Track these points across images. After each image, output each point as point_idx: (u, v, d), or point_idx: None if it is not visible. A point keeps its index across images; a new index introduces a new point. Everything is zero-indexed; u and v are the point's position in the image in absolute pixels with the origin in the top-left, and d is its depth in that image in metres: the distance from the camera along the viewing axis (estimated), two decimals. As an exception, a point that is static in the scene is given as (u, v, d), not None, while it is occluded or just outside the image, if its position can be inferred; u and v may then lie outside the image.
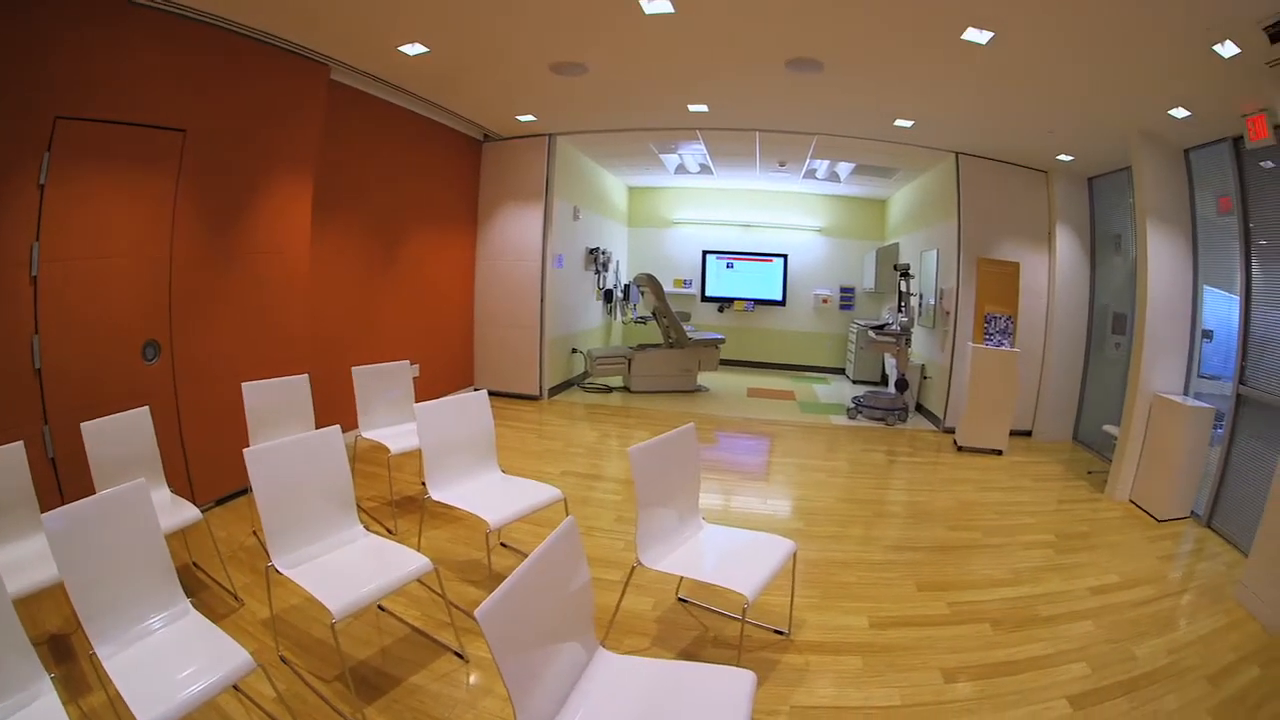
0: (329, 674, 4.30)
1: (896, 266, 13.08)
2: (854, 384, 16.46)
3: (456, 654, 4.59)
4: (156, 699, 2.97)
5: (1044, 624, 5.64)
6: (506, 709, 3.96)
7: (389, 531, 6.43)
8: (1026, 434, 12.24)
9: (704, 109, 9.89)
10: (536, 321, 12.03)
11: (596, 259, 14.63)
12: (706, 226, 17.73)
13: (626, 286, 16.38)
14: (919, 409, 13.68)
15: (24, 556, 4.06)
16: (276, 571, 4.13)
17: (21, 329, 5.34)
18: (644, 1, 6.07)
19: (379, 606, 5.02)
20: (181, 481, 6.40)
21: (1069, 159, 10.94)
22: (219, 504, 6.93)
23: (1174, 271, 8.77)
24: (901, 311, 12.93)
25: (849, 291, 17.90)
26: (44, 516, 3.28)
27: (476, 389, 6.66)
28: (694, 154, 13.65)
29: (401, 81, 8.90)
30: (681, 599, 5.47)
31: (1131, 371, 8.94)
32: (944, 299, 12.46)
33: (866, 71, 7.79)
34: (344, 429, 4.99)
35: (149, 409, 5.23)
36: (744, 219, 17.63)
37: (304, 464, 4.51)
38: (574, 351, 13.74)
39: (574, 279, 13.61)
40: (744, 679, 3.26)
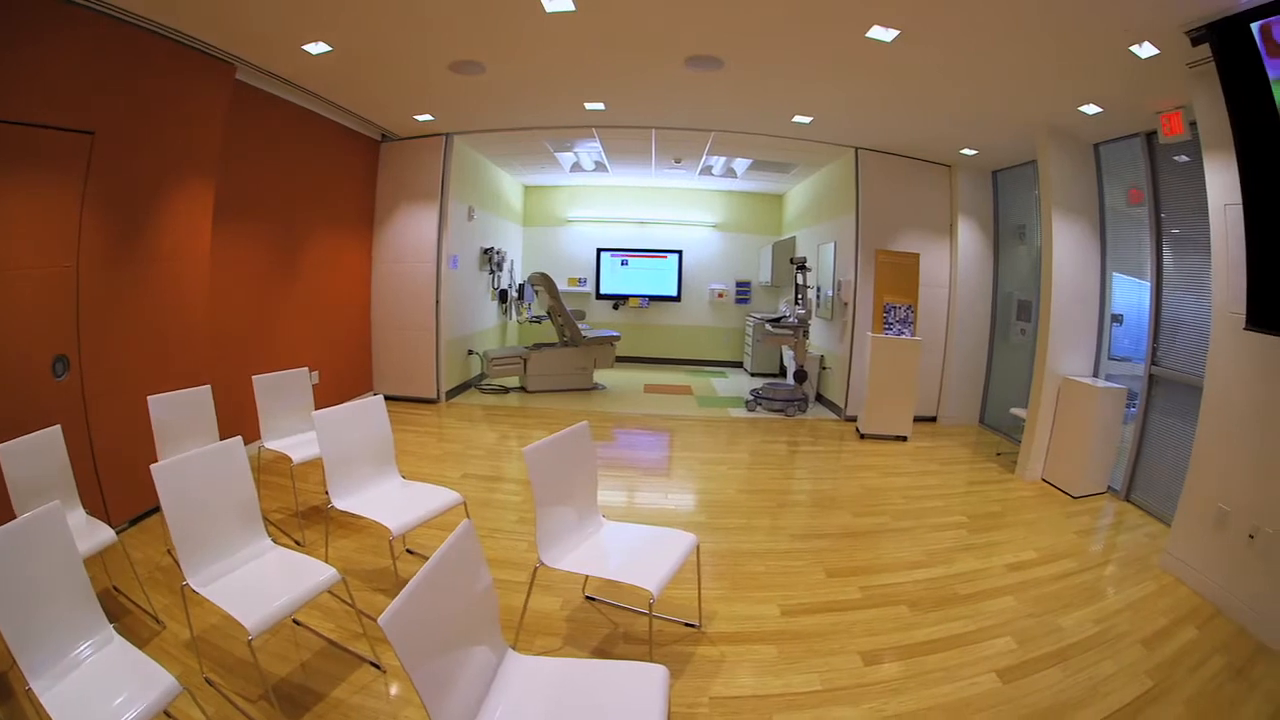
0: (254, 694, 4.14)
1: (793, 260, 13.11)
2: (752, 377, 16.46)
3: (373, 665, 4.47)
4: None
5: (963, 602, 5.67)
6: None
7: (297, 543, 6.28)
8: (931, 419, 12.43)
9: (601, 107, 9.82)
10: (432, 324, 11.86)
11: (491, 259, 14.46)
12: (601, 224, 17.70)
13: (521, 286, 16.30)
14: (819, 399, 13.77)
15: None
16: (192, 591, 3.98)
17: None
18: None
19: (294, 621, 4.87)
20: (95, 501, 6.12)
21: (973, 153, 11.11)
22: (133, 524, 6.63)
23: (1081, 260, 9.05)
24: (798, 304, 12.95)
25: (745, 286, 18.03)
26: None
27: (377, 395, 6.49)
28: (590, 152, 13.61)
29: (305, 81, 8.66)
30: (589, 597, 5.40)
31: (1038, 356, 9.16)
32: (842, 291, 12.56)
33: (768, 69, 7.77)
34: (248, 440, 4.84)
35: (60, 428, 4.95)
36: (639, 216, 17.64)
37: (209, 478, 4.35)
38: (470, 353, 13.57)
39: (469, 280, 13.45)
40: (656, 674, 3.27)
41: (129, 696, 3.08)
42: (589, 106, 9.78)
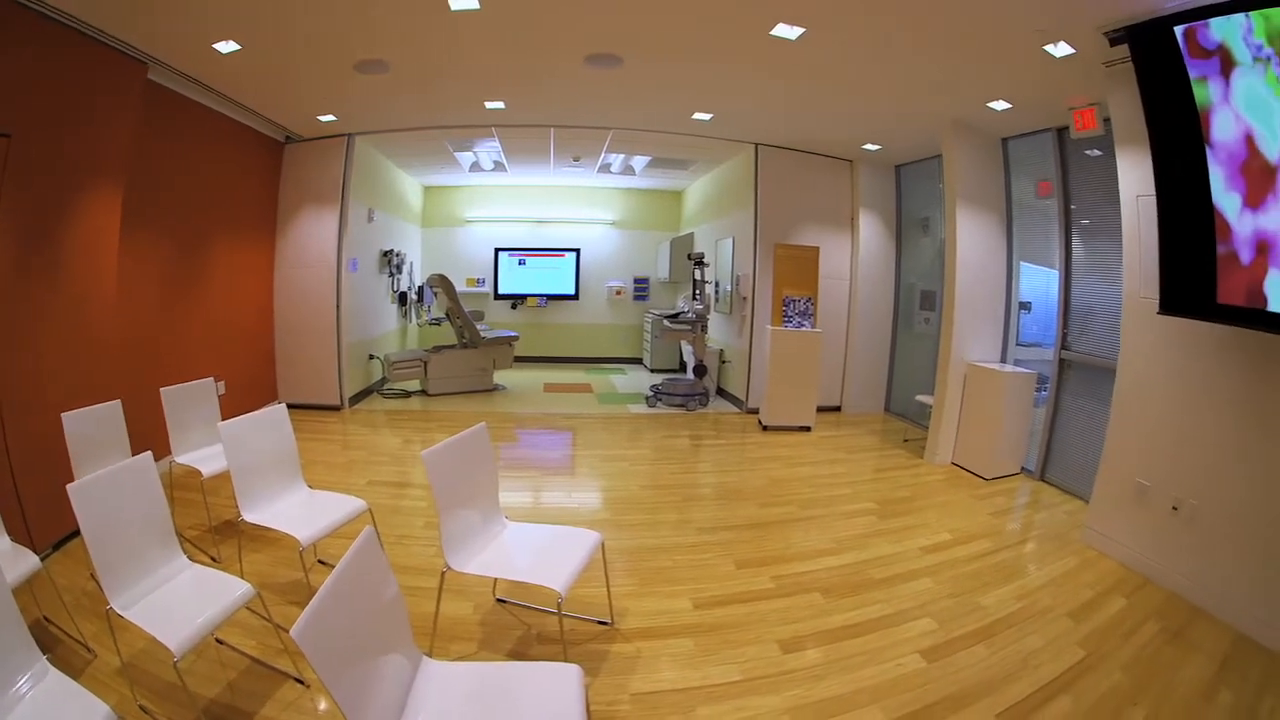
0: (187, 719, 4.01)
1: (691, 256, 13.24)
2: (652, 373, 16.49)
3: (297, 680, 4.35)
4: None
5: (878, 587, 5.72)
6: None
7: (213, 560, 6.09)
8: (836, 409, 12.59)
9: (501, 105, 9.73)
10: (334, 329, 11.60)
11: (390, 261, 14.28)
12: (499, 224, 17.60)
13: (421, 288, 16.12)
14: (720, 393, 13.86)
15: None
16: (117, 615, 3.83)
17: None
18: (451, -3, 5.92)
19: (216, 640, 4.74)
20: (18, 526, 5.78)
21: (876, 148, 11.24)
22: (56, 548, 6.31)
23: (986, 250, 9.30)
24: (696, 299, 13.06)
25: (643, 282, 18.12)
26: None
27: (283, 403, 6.33)
28: (489, 151, 13.51)
29: (214, 81, 8.43)
30: (500, 599, 5.33)
31: (942, 344, 9.33)
32: (741, 285, 12.64)
33: (669, 67, 7.78)
34: (159, 454, 4.70)
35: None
36: (537, 215, 17.59)
37: (123, 496, 4.18)
38: (371, 357, 13.38)
39: (369, 283, 13.26)
40: (570, 673, 3.28)
41: (69, 731, 2.93)
42: (489, 105, 9.69)
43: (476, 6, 6.03)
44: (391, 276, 14.48)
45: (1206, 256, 5.15)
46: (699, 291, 13.04)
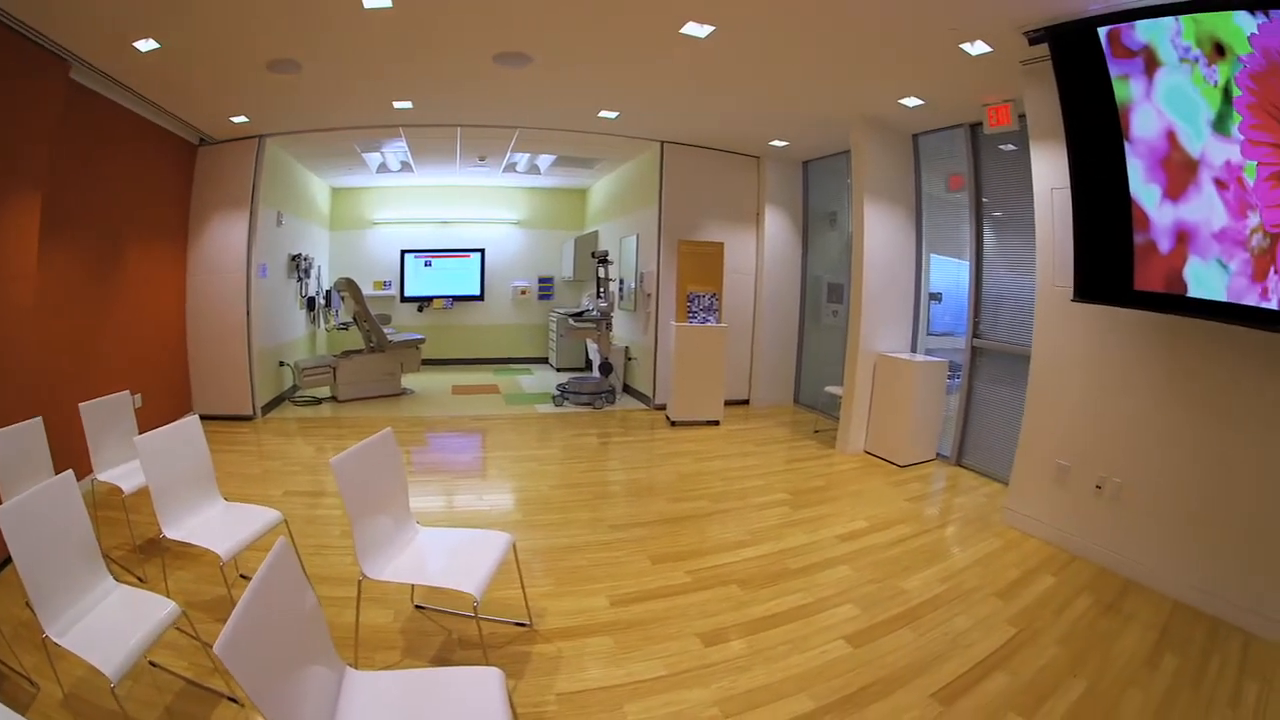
0: (131, 747, 3.92)
1: (594, 254, 13.30)
2: (558, 372, 16.46)
3: (230, 699, 4.27)
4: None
5: (796, 576, 5.79)
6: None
7: (139, 580, 5.91)
8: (744, 402, 12.75)
9: (409, 105, 9.67)
10: (244, 337, 11.35)
11: (299, 266, 14.05)
12: (406, 225, 17.46)
13: (328, 292, 15.82)
14: (627, 390, 13.94)
15: None
16: (54, 643, 3.72)
17: None
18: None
19: (150, 663, 4.61)
20: None
21: (783, 144, 11.38)
22: None
23: (895, 243, 9.50)
24: (601, 297, 13.12)
25: (548, 281, 18.14)
26: None
27: (196, 414, 6.18)
28: (396, 152, 13.41)
29: (132, 80, 8.19)
30: (418, 606, 5.29)
31: (850, 335, 9.50)
32: (644, 282, 12.74)
33: (578, 66, 7.78)
34: (81, 473, 4.58)
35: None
36: (442, 216, 17.50)
37: (48, 518, 4.06)
38: (281, 364, 13.15)
39: (278, 288, 13.00)
40: (492, 676, 3.27)
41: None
42: (397, 105, 9.63)
43: (389, 4, 5.99)
44: (300, 281, 14.26)
45: (1123, 246, 5.35)
46: (603, 289, 13.11)
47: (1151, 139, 5.03)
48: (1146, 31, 4.94)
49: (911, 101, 8.17)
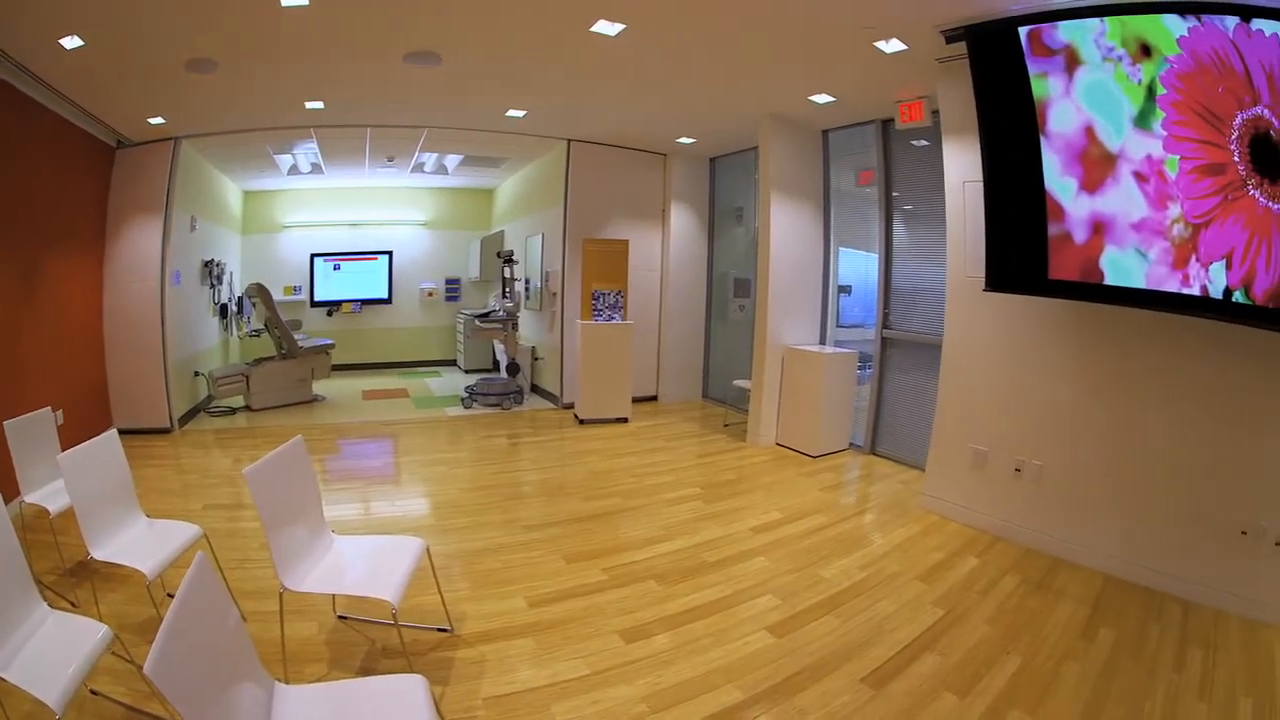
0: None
1: (500, 253, 13.29)
2: (466, 374, 16.45)
3: (171, 724, 4.26)
4: None
5: (712, 569, 5.89)
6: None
7: (72, 605, 5.71)
8: (652, 399, 12.93)
9: (320, 105, 9.60)
10: (160, 346, 11.12)
11: (211, 272, 13.77)
12: (316, 229, 17.26)
13: (240, 299, 15.52)
14: (535, 389, 14.00)
15: None
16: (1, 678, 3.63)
17: None
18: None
19: (91, 690, 4.50)
20: None
21: (690, 141, 11.53)
22: None
23: (802, 238, 9.66)
24: (506, 297, 13.15)
25: (455, 282, 18.14)
26: None
27: (114, 429, 6.06)
28: (307, 154, 13.27)
29: (54, 78, 7.97)
30: (341, 616, 5.27)
31: (757, 329, 9.63)
32: (550, 281, 12.84)
33: (488, 64, 7.80)
34: (9, 495, 4.53)
35: None
36: (351, 218, 17.37)
37: None
38: (196, 374, 12.87)
39: (191, 295, 12.73)
40: (415, 683, 3.29)
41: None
42: (310, 105, 9.56)
43: (306, 3, 5.98)
44: (213, 288, 14.01)
45: (1037, 237, 5.55)
46: (509, 289, 13.13)
47: (1069, 134, 5.25)
48: (1070, 31, 5.14)
49: (822, 98, 8.30)
